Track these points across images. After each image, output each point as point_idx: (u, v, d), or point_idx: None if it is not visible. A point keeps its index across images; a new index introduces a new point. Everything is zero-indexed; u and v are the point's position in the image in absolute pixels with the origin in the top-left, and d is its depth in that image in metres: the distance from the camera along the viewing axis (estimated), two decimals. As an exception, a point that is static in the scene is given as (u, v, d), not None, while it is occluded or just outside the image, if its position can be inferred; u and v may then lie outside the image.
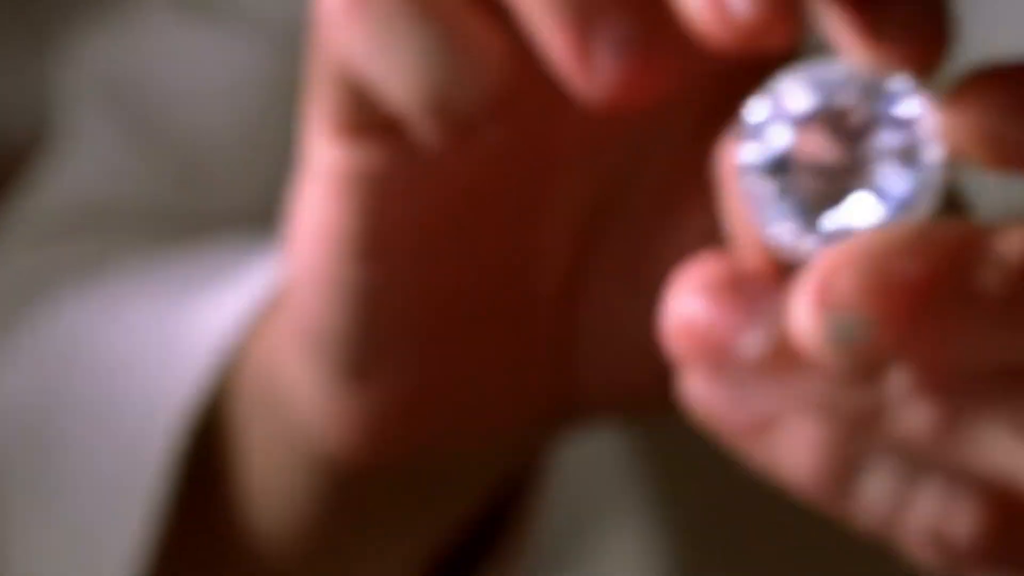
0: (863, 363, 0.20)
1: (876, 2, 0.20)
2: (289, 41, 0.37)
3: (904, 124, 0.20)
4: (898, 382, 0.20)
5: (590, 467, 0.40)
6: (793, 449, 0.21)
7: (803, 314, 0.19)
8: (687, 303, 0.21)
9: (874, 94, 0.20)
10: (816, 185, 0.20)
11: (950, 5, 0.21)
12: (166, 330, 0.32)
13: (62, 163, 0.43)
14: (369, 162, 0.26)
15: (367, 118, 0.25)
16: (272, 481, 0.31)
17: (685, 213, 0.27)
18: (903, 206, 0.20)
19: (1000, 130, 0.19)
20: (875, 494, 0.21)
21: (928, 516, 0.21)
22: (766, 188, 0.20)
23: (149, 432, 0.31)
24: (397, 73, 0.24)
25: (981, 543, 0.21)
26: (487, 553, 0.33)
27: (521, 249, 0.28)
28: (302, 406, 0.29)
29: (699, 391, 0.22)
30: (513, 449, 0.31)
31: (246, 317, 0.31)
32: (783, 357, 0.21)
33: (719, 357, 0.21)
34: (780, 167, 0.20)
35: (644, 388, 0.29)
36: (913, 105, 0.20)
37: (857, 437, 0.21)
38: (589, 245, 0.29)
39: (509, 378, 0.29)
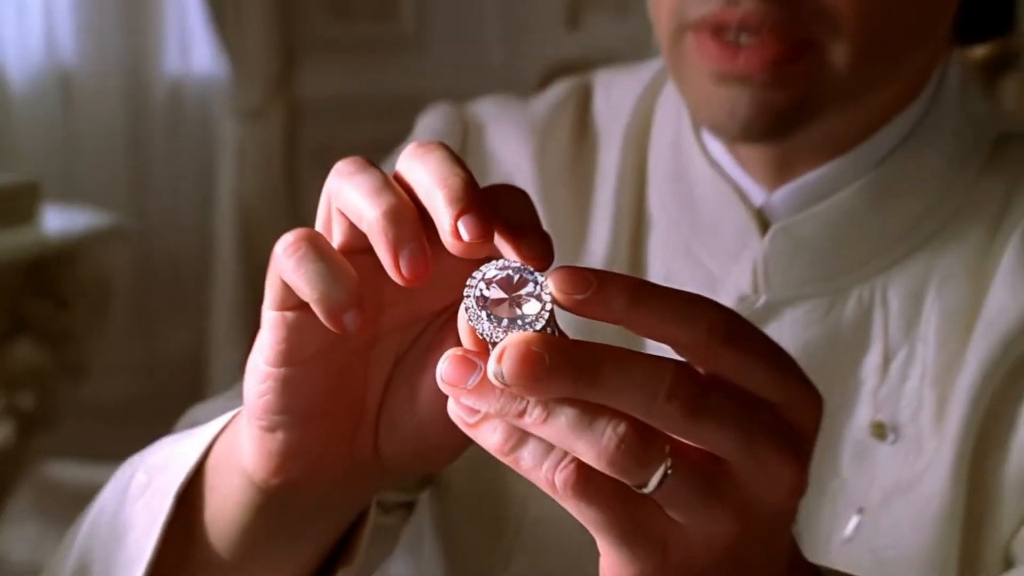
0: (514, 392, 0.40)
1: (517, 243, 0.42)
2: None
3: (537, 284, 0.41)
4: (531, 400, 0.40)
5: None
6: (490, 432, 0.41)
7: (491, 368, 0.39)
8: (443, 364, 0.41)
9: (525, 272, 0.41)
10: (500, 308, 0.41)
11: (549, 239, 0.43)
12: (181, 446, 0.56)
13: None
14: (289, 319, 0.47)
15: (289, 300, 0.46)
16: (229, 498, 0.52)
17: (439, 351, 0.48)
18: (534, 318, 0.41)
19: (569, 294, 0.39)
20: (528, 456, 0.41)
21: (548, 470, 0.40)
22: (477, 310, 0.41)
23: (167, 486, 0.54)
24: (303, 284, 0.45)
25: (571, 487, 0.40)
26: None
27: (361, 373, 0.50)
28: (243, 449, 0.50)
29: (452, 408, 0.42)
30: (351, 496, 0.53)
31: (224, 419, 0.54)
32: (486, 387, 0.40)
33: (457, 388, 0.41)
34: (483, 300, 0.41)
35: (430, 450, 0.50)
36: (539, 277, 0.41)
37: (517, 428, 0.41)
38: (392, 375, 0.51)
39: (346, 447, 0.51)
